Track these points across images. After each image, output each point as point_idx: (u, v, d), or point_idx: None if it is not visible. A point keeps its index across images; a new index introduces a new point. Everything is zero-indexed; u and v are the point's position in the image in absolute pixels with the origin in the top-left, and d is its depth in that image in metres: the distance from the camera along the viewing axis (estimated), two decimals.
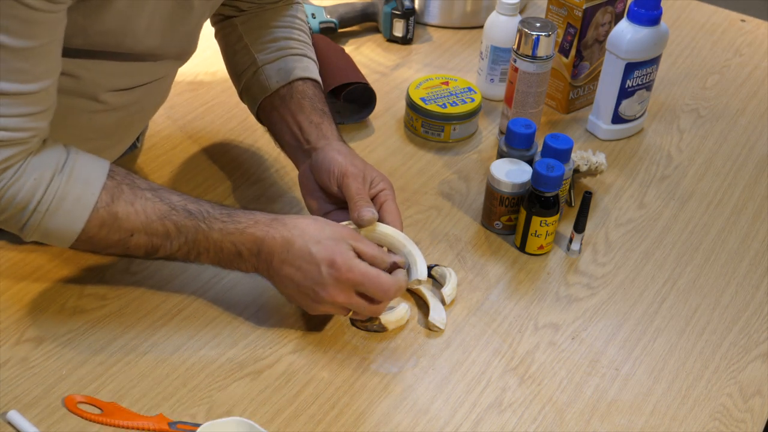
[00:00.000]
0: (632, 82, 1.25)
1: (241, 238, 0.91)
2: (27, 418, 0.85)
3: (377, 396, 0.92)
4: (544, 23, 1.21)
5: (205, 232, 0.90)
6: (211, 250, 0.91)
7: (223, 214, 0.92)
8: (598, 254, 1.11)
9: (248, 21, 1.11)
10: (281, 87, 1.07)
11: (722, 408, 0.93)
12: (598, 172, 1.17)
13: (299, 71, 1.08)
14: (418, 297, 1.03)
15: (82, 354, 0.93)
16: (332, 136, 1.04)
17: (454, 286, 1.02)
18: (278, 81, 1.08)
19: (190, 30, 1.00)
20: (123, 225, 0.88)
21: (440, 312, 1.00)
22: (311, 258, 0.90)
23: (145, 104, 1.06)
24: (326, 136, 1.04)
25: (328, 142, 1.03)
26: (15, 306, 0.97)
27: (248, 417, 0.88)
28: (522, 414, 0.91)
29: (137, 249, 0.90)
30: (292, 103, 1.06)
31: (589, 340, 1.00)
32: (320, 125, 1.05)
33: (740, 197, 1.22)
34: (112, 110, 0.99)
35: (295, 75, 1.08)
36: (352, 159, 1.01)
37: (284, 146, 1.09)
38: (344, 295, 0.90)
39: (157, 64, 0.99)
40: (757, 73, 1.49)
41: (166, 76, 1.05)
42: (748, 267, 1.11)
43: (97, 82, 0.94)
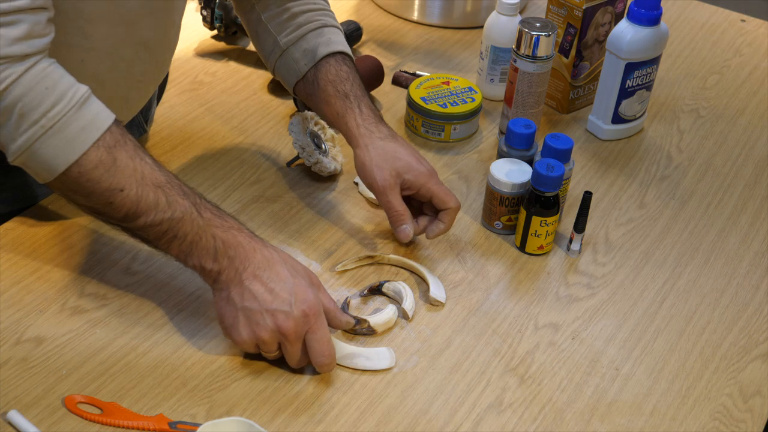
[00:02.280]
0: (632, 82, 1.25)
1: (224, 235, 0.89)
2: (27, 418, 0.85)
3: (377, 396, 0.92)
4: (544, 23, 1.21)
5: (193, 215, 0.88)
6: (189, 236, 0.88)
7: (213, 207, 0.91)
8: (598, 254, 1.11)
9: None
10: (309, 70, 1.09)
11: (722, 408, 0.93)
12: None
13: (323, 48, 1.09)
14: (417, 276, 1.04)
15: (82, 354, 0.93)
16: (357, 131, 1.05)
17: (413, 299, 1.01)
18: (306, 64, 1.10)
19: None
20: (117, 175, 0.85)
21: (440, 288, 1.02)
22: (288, 287, 0.88)
23: (141, 52, 1.04)
24: (353, 135, 1.06)
25: (357, 144, 1.05)
26: (15, 306, 0.97)
27: (248, 417, 0.88)
28: (522, 414, 0.91)
29: (119, 208, 0.86)
30: (320, 91, 1.09)
31: (589, 340, 1.00)
32: (344, 117, 1.07)
33: (740, 197, 1.22)
34: (103, 52, 0.98)
35: (319, 54, 1.09)
36: (379, 168, 1.03)
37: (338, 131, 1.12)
38: (296, 334, 0.88)
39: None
40: (757, 73, 1.49)
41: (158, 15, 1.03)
42: (748, 267, 1.11)
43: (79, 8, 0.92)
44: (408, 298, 1.01)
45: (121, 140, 0.86)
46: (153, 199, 0.87)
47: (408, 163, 1.04)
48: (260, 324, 0.88)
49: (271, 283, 0.88)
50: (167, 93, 1.31)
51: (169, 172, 0.90)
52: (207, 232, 0.89)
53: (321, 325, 0.89)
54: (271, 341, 0.89)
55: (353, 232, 1.11)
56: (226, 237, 0.89)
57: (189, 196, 0.89)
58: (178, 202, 0.88)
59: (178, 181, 0.90)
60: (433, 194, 1.04)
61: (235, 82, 1.37)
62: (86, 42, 0.96)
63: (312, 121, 1.20)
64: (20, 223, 1.07)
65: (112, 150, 0.85)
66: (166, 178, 0.88)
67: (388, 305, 1.00)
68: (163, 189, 0.87)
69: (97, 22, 0.96)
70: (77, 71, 0.97)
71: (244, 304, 0.88)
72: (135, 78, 1.07)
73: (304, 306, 0.88)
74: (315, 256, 1.07)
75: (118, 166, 0.85)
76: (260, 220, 1.11)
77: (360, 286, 1.04)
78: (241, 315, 0.88)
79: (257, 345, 0.90)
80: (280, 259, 0.90)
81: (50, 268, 1.02)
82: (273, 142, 1.25)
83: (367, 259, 1.06)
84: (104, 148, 0.85)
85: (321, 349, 0.89)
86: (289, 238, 1.09)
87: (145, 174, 0.87)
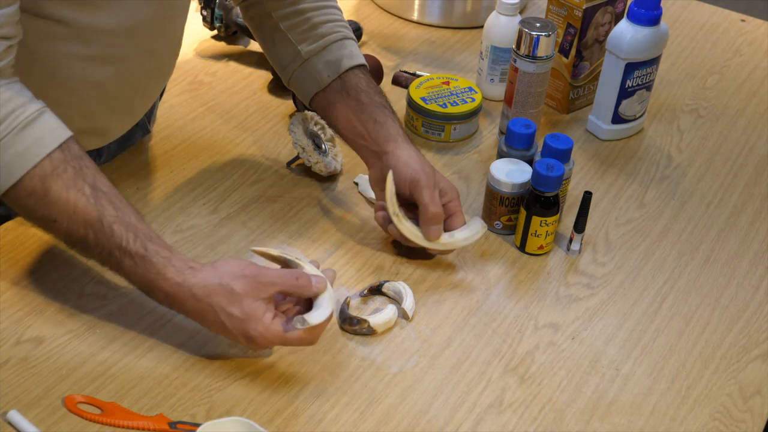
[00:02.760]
0: (632, 82, 1.25)
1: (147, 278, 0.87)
2: (27, 418, 0.85)
3: (377, 396, 0.92)
4: (544, 23, 1.21)
5: (117, 259, 0.87)
6: (121, 274, 0.89)
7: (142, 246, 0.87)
8: (598, 254, 1.11)
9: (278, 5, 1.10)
10: (333, 81, 1.09)
11: (722, 408, 0.93)
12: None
13: (347, 60, 1.09)
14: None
15: (82, 354, 0.93)
16: (399, 136, 1.06)
17: (413, 299, 1.01)
18: (329, 75, 1.09)
19: None
20: (50, 206, 0.85)
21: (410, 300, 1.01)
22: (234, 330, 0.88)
23: (145, 60, 1.04)
24: (394, 138, 1.06)
25: (397, 145, 1.05)
26: (15, 306, 0.97)
27: (248, 417, 0.88)
28: (522, 414, 0.91)
29: (56, 236, 0.88)
30: (350, 100, 1.08)
31: (589, 340, 1.00)
32: (384, 124, 1.07)
33: (740, 197, 1.22)
34: (106, 61, 0.97)
35: (344, 66, 1.09)
36: (423, 165, 1.04)
37: (350, 143, 1.10)
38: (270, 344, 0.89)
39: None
40: (757, 73, 1.49)
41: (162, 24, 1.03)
42: (748, 267, 1.11)
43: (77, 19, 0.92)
44: (408, 298, 1.01)
45: (60, 168, 0.85)
46: (83, 235, 0.87)
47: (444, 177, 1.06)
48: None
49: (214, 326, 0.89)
50: (167, 93, 1.31)
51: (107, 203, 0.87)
52: (133, 278, 0.88)
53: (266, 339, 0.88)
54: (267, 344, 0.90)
55: (353, 232, 1.11)
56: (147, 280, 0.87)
57: (116, 236, 0.86)
58: (103, 244, 0.87)
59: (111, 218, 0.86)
60: (453, 213, 1.05)
61: (235, 82, 1.37)
62: (87, 51, 0.95)
63: (312, 121, 1.20)
64: (20, 223, 1.07)
65: (46, 179, 0.84)
66: (98, 215, 0.86)
67: (388, 305, 1.00)
68: (92, 227, 0.86)
69: (100, 32, 0.95)
70: (79, 78, 0.96)
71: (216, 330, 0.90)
72: (139, 85, 1.07)
73: (251, 343, 0.88)
74: (315, 256, 1.07)
75: (50, 197, 0.84)
76: (260, 220, 1.11)
77: (360, 286, 1.04)
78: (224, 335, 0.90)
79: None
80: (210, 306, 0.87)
81: (50, 268, 1.02)
82: (273, 142, 1.25)
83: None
84: (38, 178, 0.84)
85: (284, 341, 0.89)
86: (289, 238, 1.09)
87: (78, 208, 0.85)
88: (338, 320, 0.99)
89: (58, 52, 0.88)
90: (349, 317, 0.98)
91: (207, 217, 1.11)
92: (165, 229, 1.08)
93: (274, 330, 0.88)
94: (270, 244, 1.08)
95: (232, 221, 1.11)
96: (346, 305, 1.00)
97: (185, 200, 1.13)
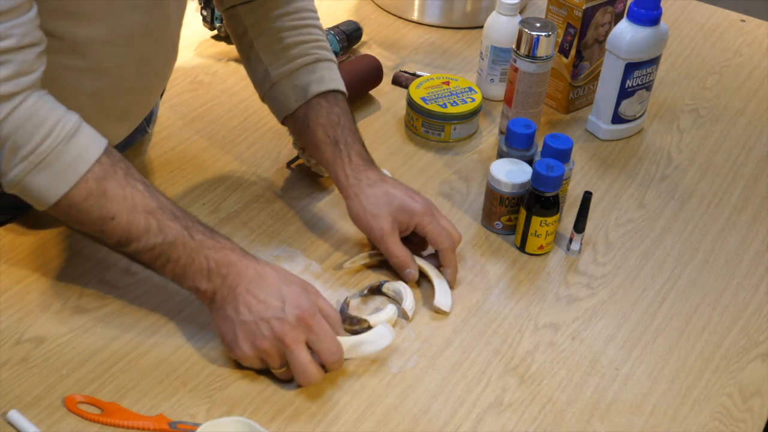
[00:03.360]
0: (632, 82, 1.26)
1: (216, 256, 0.90)
2: (27, 418, 0.85)
3: (377, 396, 0.92)
4: (544, 23, 1.21)
5: (184, 238, 0.89)
6: (182, 258, 0.89)
7: (205, 229, 0.91)
8: (598, 254, 1.11)
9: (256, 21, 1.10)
10: (299, 107, 1.07)
11: (722, 408, 0.93)
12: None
13: (315, 86, 1.07)
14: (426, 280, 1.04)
15: (82, 354, 0.93)
16: (350, 179, 1.04)
17: (413, 299, 1.01)
18: (296, 100, 1.08)
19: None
20: (108, 205, 0.86)
21: (446, 295, 1.01)
22: (279, 295, 0.89)
23: (141, 69, 1.03)
24: (344, 185, 1.05)
25: (350, 194, 1.04)
26: (15, 306, 0.97)
27: (248, 417, 0.88)
28: (522, 414, 0.91)
29: (111, 235, 0.88)
30: (309, 133, 1.07)
31: (589, 340, 1.00)
32: (333, 166, 1.05)
33: (740, 197, 1.22)
34: (101, 71, 0.97)
35: (311, 92, 1.07)
36: (375, 216, 1.02)
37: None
38: (294, 338, 0.88)
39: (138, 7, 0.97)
40: (757, 73, 1.49)
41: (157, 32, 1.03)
42: (748, 267, 1.11)
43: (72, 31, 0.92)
44: (408, 298, 1.01)
45: (110, 170, 0.87)
46: (144, 225, 0.88)
47: (400, 204, 1.03)
48: (257, 334, 0.88)
49: (263, 294, 0.89)
50: (167, 93, 1.31)
51: (162, 195, 0.90)
52: (199, 254, 0.89)
53: (320, 325, 0.89)
54: (272, 350, 0.89)
55: (353, 232, 1.11)
56: (218, 257, 0.90)
57: (180, 219, 0.90)
58: (169, 226, 0.88)
59: (170, 205, 0.90)
60: (426, 233, 1.03)
61: (235, 82, 1.37)
62: (83, 62, 0.95)
63: None
64: (21, 223, 1.07)
65: (101, 181, 0.86)
66: (157, 204, 0.89)
67: (388, 305, 1.00)
68: (154, 215, 0.88)
69: (94, 44, 0.95)
70: (75, 89, 0.96)
71: (240, 318, 0.89)
72: (134, 93, 1.07)
73: (297, 310, 0.88)
74: (315, 256, 1.07)
75: (108, 196, 0.86)
76: (260, 220, 1.11)
77: (360, 286, 1.04)
78: (239, 329, 0.89)
79: (262, 359, 0.90)
80: (272, 272, 0.91)
81: (50, 268, 1.02)
82: (273, 142, 1.25)
83: (378, 256, 1.05)
84: (93, 181, 0.86)
85: (328, 348, 0.90)
86: (289, 238, 1.09)
87: (135, 201, 0.88)
88: None
89: (53, 64, 0.89)
90: (349, 317, 0.98)
91: (207, 217, 1.11)
92: None
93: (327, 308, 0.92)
94: (270, 244, 1.08)
95: (232, 221, 1.11)
96: (346, 305, 1.00)
97: (185, 200, 1.13)
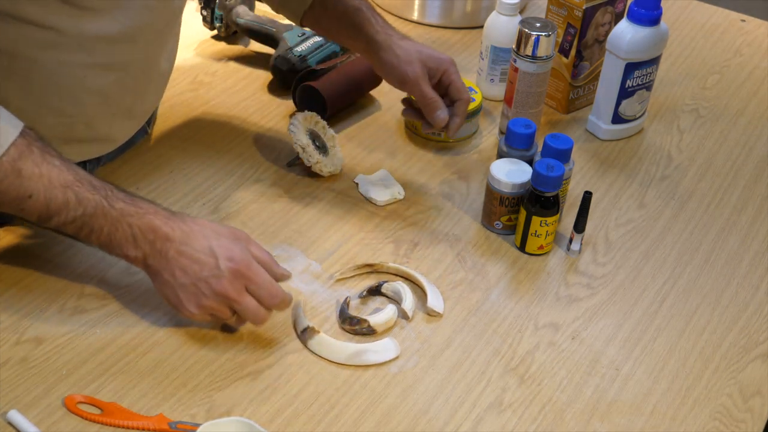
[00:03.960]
0: (632, 82, 1.25)
1: (139, 223, 0.90)
2: (27, 418, 0.85)
3: (377, 396, 0.92)
4: (544, 23, 1.21)
5: (104, 208, 0.89)
6: (105, 228, 0.90)
7: (126, 196, 0.91)
8: (598, 254, 1.11)
9: None
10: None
11: (722, 408, 0.93)
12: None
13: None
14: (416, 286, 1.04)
15: (82, 354, 0.93)
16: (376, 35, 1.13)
17: (412, 299, 1.02)
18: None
19: None
20: (24, 184, 0.87)
21: (438, 298, 1.01)
22: (211, 251, 0.90)
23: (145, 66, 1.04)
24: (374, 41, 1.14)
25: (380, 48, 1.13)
26: (15, 306, 0.97)
27: (248, 417, 0.88)
28: (522, 414, 0.91)
29: (31, 212, 0.89)
30: (329, 12, 1.16)
31: (589, 340, 1.00)
32: (362, 27, 1.14)
33: (740, 197, 1.22)
34: (107, 68, 0.98)
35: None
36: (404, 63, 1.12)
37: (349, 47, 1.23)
38: (236, 291, 0.90)
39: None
40: (757, 73, 1.49)
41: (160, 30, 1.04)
42: (748, 267, 1.11)
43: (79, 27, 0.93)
44: (407, 298, 1.01)
45: (26, 150, 0.87)
46: (62, 199, 0.88)
47: (430, 54, 1.14)
48: (199, 295, 0.90)
49: (196, 253, 0.90)
50: (167, 93, 1.31)
51: (79, 169, 0.90)
52: (122, 222, 0.90)
53: (257, 273, 0.91)
54: (219, 307, 0.91)
55: (353, 232, 1.11)
56: (141, 224, 0.90)
57: (99, 190, 0.90)
58: (87, 198, 0.89)
59: (89, 177, 0.90)
60: (451, 81, 1.14)
61: (235, 82, 1.37)
62: (89, 59, 0.96)
63: (312, 121, 1.20)
64: (21, 223, 1.07)
65: (16, 162, 0.86)
66: (74, 177, 0.89)
67: (388, 305, 1.00)
68: (71, 188, 0.88)
69: (99, 42, 0.96)
70: (80, 86, 0.97)
71: (179, 282, 0.91)
72: (139, 90, 1.08)
73: (231, 264, 0.90)
74: (315, 256, 1.07)
75: (24, 176, 0.86)
76: (260, 220, 1.11)
77: (359, 286, 1.04)
78: (180, 292, 0.91)
79: (212, 315, 0.92)
80: (199, 228, 0.92)
81: (50, 268, 1.02)
82: (273, 142, 1.25)
83: (366, 267, 1.06)
84: (8, 163, 0.86)
85: (268, 294, 0.91)
86: (289, 238, 1.09)
87: (52, 177, 0.88)
88: (338, 320, 0.99)
89: (59, 61, 0.89)
90: (349, 317, 0.98)
91: (207, 217, 1.11)
92: None
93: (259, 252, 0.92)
94: (270, 244, 1.08)
95: (232, 221, 1.11)
96: (345, 305, 1.00)
97: (185, 200, 1.13)
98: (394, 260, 1.07)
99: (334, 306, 1.01)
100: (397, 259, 1.08)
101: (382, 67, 1.14)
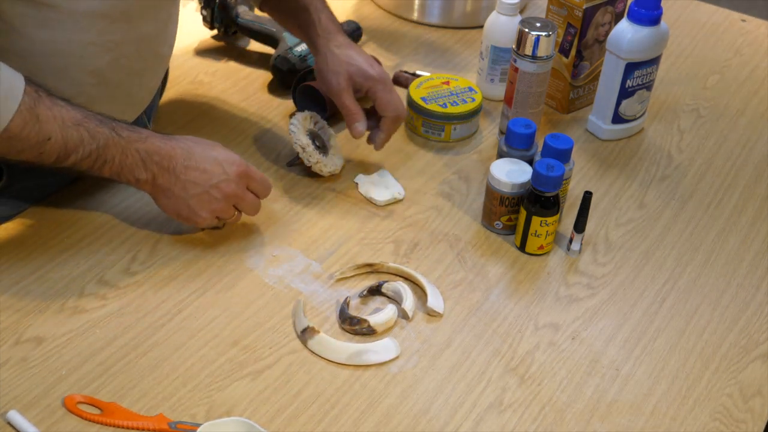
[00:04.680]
0: (632, 82, 1.25)
1: (144, 146, 0.98)
2: (27, 418, 0.85)
3: (377, 396, 0.92)
4: (544, 23, 1.21)
5: (114, 138, 0.96)
6: (117, 157, 0.96)
7: (126, 125, 0.98)
8: (598, 254, 1.11)
9: None
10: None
11: (722, 408, 0.93)
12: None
13: None
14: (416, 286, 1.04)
15: (82, 354, 0.93)
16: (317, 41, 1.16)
17: (413, 299, 1.02)
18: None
19: None
20: (43, 127, 0.91)
21: (438, 298, 1.01)
22: (215, 160, 1.01)
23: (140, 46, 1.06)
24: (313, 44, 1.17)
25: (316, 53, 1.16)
26: (15, 306, 0.97)
27: (248, 417, 0.88)
28: (522, 414, 0.91)
29: (50, 155, 0.93)
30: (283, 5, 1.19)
31: (589, 340, 1.00)
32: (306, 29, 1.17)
33: (740, 197, 1.22)
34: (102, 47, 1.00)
35: None
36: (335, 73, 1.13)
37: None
38: (242, 190, 1.02)
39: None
40: (757, 73, 1.49)
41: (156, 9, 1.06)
42: (748, 267, 1.11)
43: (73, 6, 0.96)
44: (407, 298, 1.01)
45: (36, 96, 0.92)
46: (77, 136, 0.94)
47: (359, 68, 1.14)
48: (212, 200, 1.01)
49: (201, 164, 1.00)
50: (167, 93, 1.31)
51: (81, 107, 0.95)
52: (130, 149, 0.97)
53: (253, 170, 1.04)
54: (226, 207, 1.02)
55: (353, 232, 1.11)
56: (146, 147, 0.98)
57: (105, 122, 0.96)
58: (98, 131, 0.95)
59: (92, 113, 0.96)
60: (376, 99, 1.14)
61: (235, 82, 1.37)
62: (85, 37, 0.98)
63: (312, 121, 1.20)
64: (20, 223, 1.07)
65: (33, 109, 0.91)
66: (82, 114, 0.94)
67: (388, 305, 1.00)
68: (82, 124, 0.94)
69: (95, 19, 0.98)
70: (76, 67, 0.98)
71: (191, 193, 1.00)
72: (136, 73, 1.09)
73: (234, 166, 1.01)
74: (315, 256, 1.07)
75: (42, 121, 0.91)
76: (260, 220, 1.11)
77: (360, 286, 1.04)
78: (193, 202, 1.00)
79: (218, 217, 1.03)
80: (194, 144, 1.01)
81: (50, 268, 1.02)
82: (273, 142, 1.25)
83: (366, 267, 1.06)
84: (26, 111, 0.90)
85: (263, 187, 1.05)
86: (289, 238, 1.09)
87: (64, 117, 0.93)
88: (338, 320, 0.99)
89: (54, 39, 0.92)
90: (349, 317, 0.98)
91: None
92: (165, 230, 1.08)
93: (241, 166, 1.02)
94: (270, 244, 1.08)
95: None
96: (346, 305, 1.00)
97: None
98: (394, 260, 1.07)
99: (334, 306, 1.01)
100: (397, 259, 1.08)
101: (316, 68, 1.18)
